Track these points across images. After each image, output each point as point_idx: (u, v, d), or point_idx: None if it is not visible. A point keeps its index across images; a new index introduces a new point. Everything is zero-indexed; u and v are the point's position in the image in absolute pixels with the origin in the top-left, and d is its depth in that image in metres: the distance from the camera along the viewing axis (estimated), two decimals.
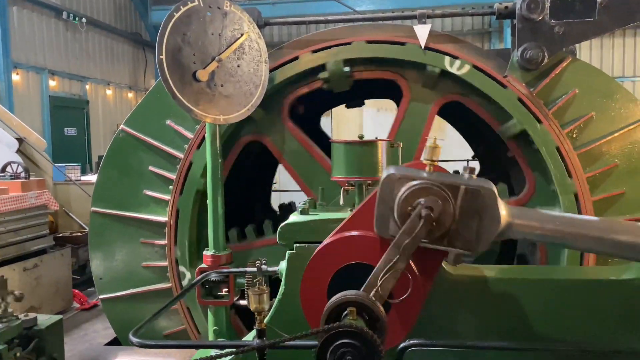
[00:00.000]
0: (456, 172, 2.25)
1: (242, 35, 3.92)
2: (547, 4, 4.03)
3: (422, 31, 4.27)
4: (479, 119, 4.56)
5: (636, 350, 2.31)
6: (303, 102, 4.90)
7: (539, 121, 4.14)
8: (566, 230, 2.09)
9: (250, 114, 4.00)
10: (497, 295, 2.52)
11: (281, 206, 7.11)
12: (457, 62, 4.26)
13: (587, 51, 17.58)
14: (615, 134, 4.17)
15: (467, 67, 4.26)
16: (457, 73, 4.26)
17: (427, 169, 2.16)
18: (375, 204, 2.18)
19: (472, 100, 4.45)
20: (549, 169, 4.13)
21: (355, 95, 6.01)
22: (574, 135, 4.20)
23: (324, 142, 4.66)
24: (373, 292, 2.05)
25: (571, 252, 4.12)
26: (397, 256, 2.05)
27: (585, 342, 2.45)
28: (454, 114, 5.84)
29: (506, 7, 4.23)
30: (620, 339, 2.44)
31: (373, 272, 2.09)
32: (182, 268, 4.55)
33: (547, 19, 4.06)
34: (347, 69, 4.40)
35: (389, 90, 5.09)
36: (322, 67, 4.42)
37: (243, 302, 4.14)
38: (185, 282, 4.54)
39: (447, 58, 4.28)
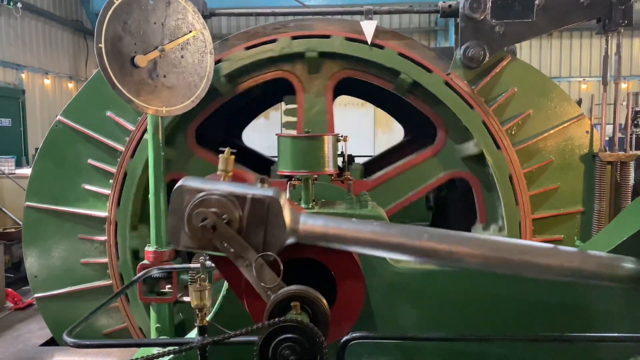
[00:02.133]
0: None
1: (190, 31, 3.83)
2: (489, 4, 4.16)
3: (369, 27, 4.30)
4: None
5: (570, 337, 2.42)
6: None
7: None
8: (346, 234, 2.19)
9: (194, 105, 3.91)
10: (438, 286, 2.58)
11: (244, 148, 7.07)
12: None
13: (527, 51, 18.30)
14: (551, 131, 4.36)
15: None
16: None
17: (221, 179, 2.22)
18: (168, 212, 2.21)
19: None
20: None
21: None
22: (513, 132, 4.36)
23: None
24: (267, 292, 2.09)
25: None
26: (245, 260, 2.10)
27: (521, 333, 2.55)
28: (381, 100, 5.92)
29: (450, 6, 4.32)
30: (556, 327, 2.56)
31: (255, 286, 2.13)
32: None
33: (488, 19, 4.18)
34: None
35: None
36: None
37: (187, 299, 4.06)
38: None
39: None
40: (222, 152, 2.30)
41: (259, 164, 5.91)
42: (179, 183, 2.16)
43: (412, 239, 2.16)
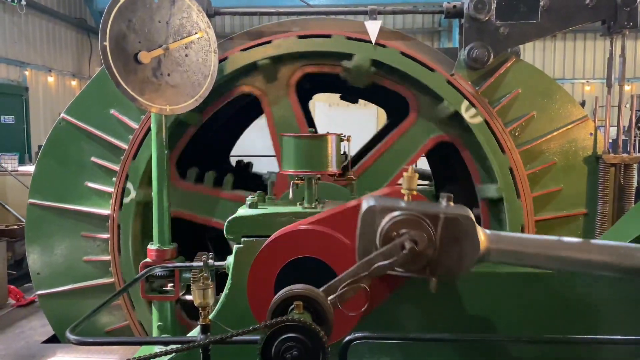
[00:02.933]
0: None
1: (195, 32, 3.83)
2: (493, 5, 4.15)
3: (373, 27, 4.30)
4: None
5: (570, 340, 2.41)
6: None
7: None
8: (543, 253, 2.14)
9: (198, 104, 3.91)
10: (440, 288, 2.57)
11: (239, 162, 7.05)
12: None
13: (531, 52, 18.29)
14: (554, 133, 4.35)
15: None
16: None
17: (405, 198, 2.16)
18: (357, 234, 2.16)
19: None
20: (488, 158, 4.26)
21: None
22: (517, 134, 4.35)
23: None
24: (330, 297, 2.05)
25: None
26: (365, 273, 2.05)
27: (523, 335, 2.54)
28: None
29: (454, 7, 4.32)
30: (554, 329, 2.55)
31: (338, 278, 2.07)
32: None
33: (493, 20, 4.18)
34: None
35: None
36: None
37: (189, 297, 4.06)
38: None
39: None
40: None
41: (255, 182, 5.92)
42: (368, 203, 2.13)
43: (617, 257, 2.12)
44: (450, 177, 5.96)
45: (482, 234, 2.11)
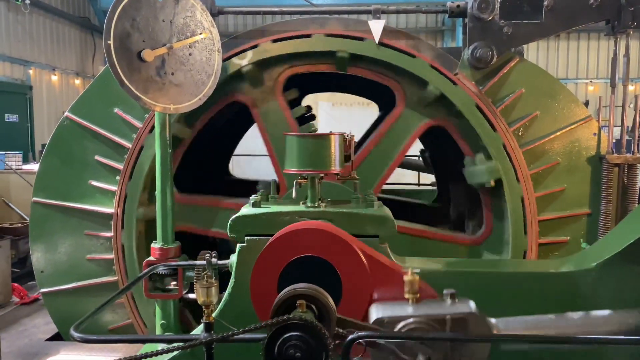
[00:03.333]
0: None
1: (200, 33, 3.84)
2: (497, 5, 4.15)
3: (377, 26, 4.30)
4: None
5: (571, 340, 2.41)
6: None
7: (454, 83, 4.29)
8: (549, 333, 2.21)
9: (201, 103, 3.92)
10: (443, 286, 2.57)
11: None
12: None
13: (534, 52, 18.24)
14: (558, 133, 4.34)
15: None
16: None
17: (410, 302, 2.22)
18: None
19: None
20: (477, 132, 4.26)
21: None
22: (520, 134, 4.35)
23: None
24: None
25: (515, 245, 4.28)
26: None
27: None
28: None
29: (458, 6, 4.31)
30: None
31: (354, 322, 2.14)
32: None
33: (496, 19, 4.17)
34: None
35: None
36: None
37: (192, 296, 4.07)
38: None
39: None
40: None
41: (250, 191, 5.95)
42: (375, 315, 2.19)
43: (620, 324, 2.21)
44: (453, 176, 5.96)
45: (491, 326, 2.17)
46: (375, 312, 2.21)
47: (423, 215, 5.97)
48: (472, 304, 2.18)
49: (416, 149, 8.55)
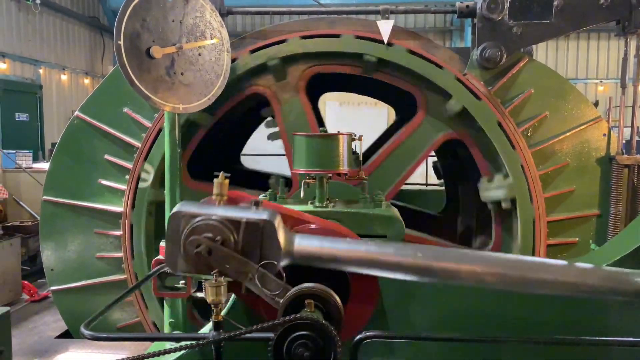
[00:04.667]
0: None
1: (211, 36, 3.85)
2: (507, 5, 4.13)
3: (385, 26, 4.30)
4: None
5: (579, 341, 2.40)
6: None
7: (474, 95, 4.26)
8: (341, 255, 2.21)
9: (211, 103, 3.94)
10: (451, 287, 2.57)
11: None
12: None
13: (543, 52, 18.14)
14: (567, 134, 4.32)
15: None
16: None
17: (216, 203, 2.25)
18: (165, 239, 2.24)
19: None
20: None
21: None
22: (529, 134, 4.33)
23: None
24: (274, 299, 2.12)
25: (524, 245, 4.26)
26: (247, 275, 2.14)
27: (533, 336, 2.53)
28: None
29: (467, 6, 4.30)
30: (564, 329, 2.54)
31: (264, 298, 2.16)
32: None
33: (506, 19, 4.16)
34: None
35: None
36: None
37: (200, 295, 4.09)
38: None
39: None
40: (217, 177, 2.33)
41: (260, 183, 5.94)
42: (175, 209, 2.20)
43: (407, 258, 2.17)
44: (462, 177, 5.94)
45: (284, 238, 2.18)
46: (178, 206, 2.21)
47: (429, 224, 5.94)
48: (272, 214, 2.18)
49: None
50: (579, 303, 2.51)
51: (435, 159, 7.13)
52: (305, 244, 2.22)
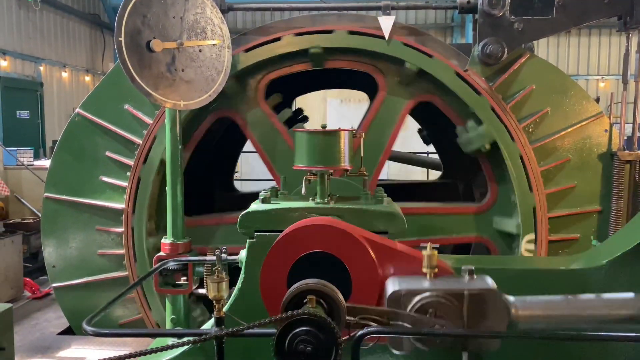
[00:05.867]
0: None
1: (212, 36, 3.85)
2: (508, 1, 4.12)
3: (386, 22, 4.29)
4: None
5: (584, 336, 2.40)
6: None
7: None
8: (567, 314, 2.17)
9: (211, 99, 3.94)
10: None
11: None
12: None
13: (545, 48, 18.09)
14: (569, 130, 4.32)
15: None
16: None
17: (427, 276, 2.21)
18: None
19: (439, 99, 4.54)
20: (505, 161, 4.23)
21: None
22: (530, 130, 4.33)
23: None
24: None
25: (522, 204, 4.27)
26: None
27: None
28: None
29: (468, 2, 4.29)
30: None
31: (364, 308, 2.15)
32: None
33: (507, 15, 4.15)
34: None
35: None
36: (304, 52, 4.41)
37: (202, 291, 4.10)
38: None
39: None
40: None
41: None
42: (392, 289, 2.17)
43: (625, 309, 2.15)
44: (463, 168, 5.94)
45: (509, 304, 2.13)
46: (392, 285, 2.17)
47: (433, 194, 5.96)
48: (489, 280, 2.15)
49: (421, 146, 8.55)
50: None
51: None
52: (529, 306, 2.17)
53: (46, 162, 8.58)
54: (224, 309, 2.17)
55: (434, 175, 9.27)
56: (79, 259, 4.62)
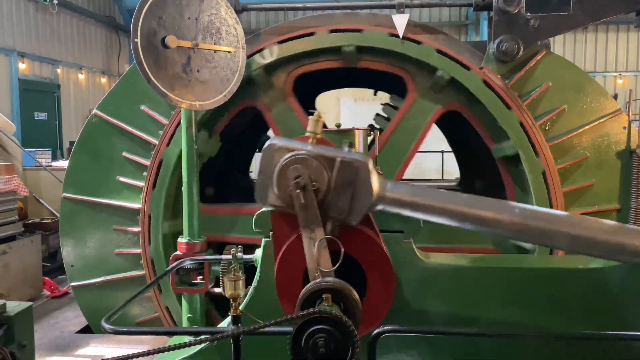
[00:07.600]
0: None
1: (227, 33, 3.88)
2: None
3: (400, 20, 4.28)
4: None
5: (603, 336, 2.38)
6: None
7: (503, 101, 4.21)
8: (435, 205, 2.13)
9: (227, 99, 3.96)
10: (469, 282, 2.56)
11: None
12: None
13: (561, 45, 17.89)
14: (586, 127, 4.26)
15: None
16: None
17: (309, 141, 2.21)
18: (258, 170, 2.24)
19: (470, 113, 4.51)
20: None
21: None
22: (547, 128, 4.28)
23: None
24: (316, 273, 2.11)
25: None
26: (311, 232, 2.14)
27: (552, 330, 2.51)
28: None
29: None
30: (586, 325, 2.52)
31: (307, 260, 2.15)
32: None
33: (523, 12, 4.11)
34: None
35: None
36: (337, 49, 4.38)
37: (218, 290, 4.13)
38: None
39: None
40: (311, 114, 2.30)
41: None
42: (269, 142, 2.19)
43: (504, 214, 2.08)
44: (478, 173, 5.91)
45: (377, 181, 2.13)
46: (273, 140, 2.19)
47: None
48: (367, 158, 2.15)
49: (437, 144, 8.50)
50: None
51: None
52: (398, 190, 2.16)
53: (64, 163, 8.69)
54: (241, 307, 2.18)
55: (449, 174, 9.23)
56: (97, 258, 4.67)
